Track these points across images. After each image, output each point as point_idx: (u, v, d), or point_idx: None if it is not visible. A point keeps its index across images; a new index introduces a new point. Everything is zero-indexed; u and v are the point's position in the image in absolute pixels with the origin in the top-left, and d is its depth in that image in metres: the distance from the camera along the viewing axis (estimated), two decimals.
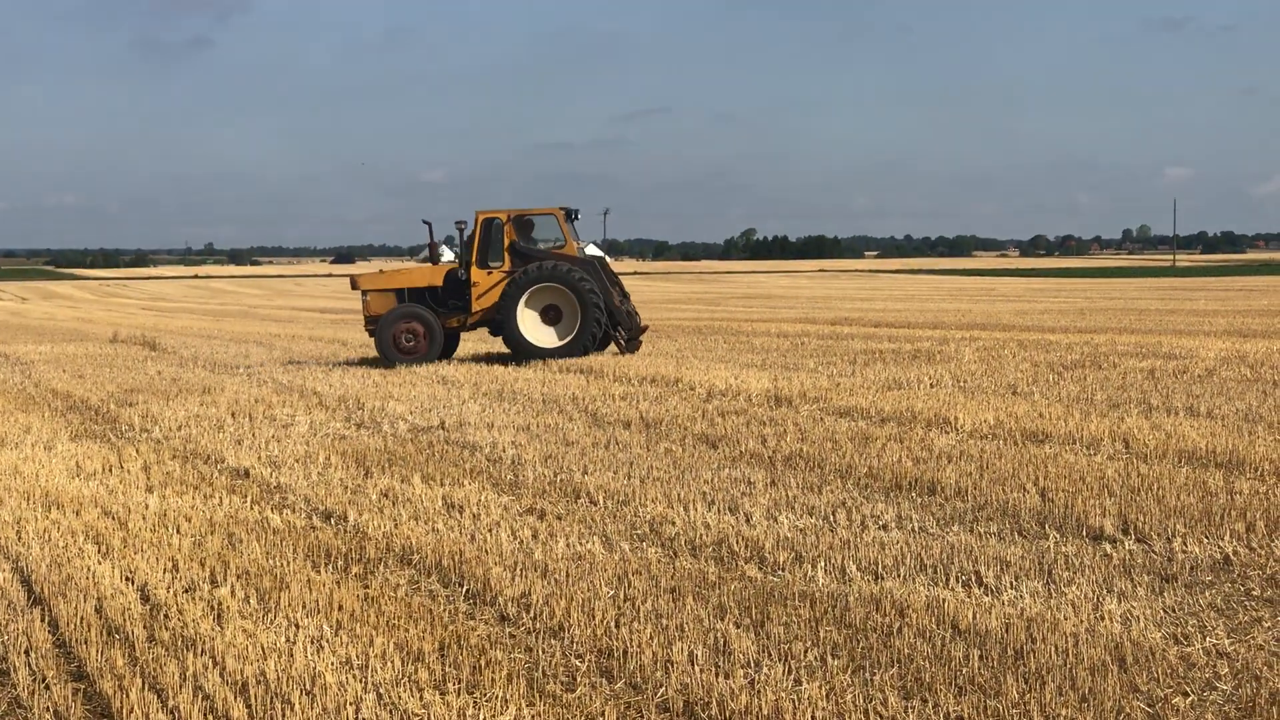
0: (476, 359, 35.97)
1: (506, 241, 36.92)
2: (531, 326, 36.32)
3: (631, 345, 37.00)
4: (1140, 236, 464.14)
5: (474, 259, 37.04)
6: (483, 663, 9.70)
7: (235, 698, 9.15)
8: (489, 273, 36.71)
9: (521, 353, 36.13)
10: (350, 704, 8.93)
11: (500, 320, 36.49)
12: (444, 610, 11.18)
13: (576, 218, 38.14)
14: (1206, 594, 11.18)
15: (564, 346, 36.01)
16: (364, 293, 38.06)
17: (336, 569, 12.60)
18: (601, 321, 35.90)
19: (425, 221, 38.31)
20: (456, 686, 9.26)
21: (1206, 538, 12.93)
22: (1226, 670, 9.31)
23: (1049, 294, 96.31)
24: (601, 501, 15.32)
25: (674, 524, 14.03)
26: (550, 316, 36.33)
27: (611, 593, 11.42)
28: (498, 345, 38.65)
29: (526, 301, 36.23)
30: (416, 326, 36.57)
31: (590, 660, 9.79)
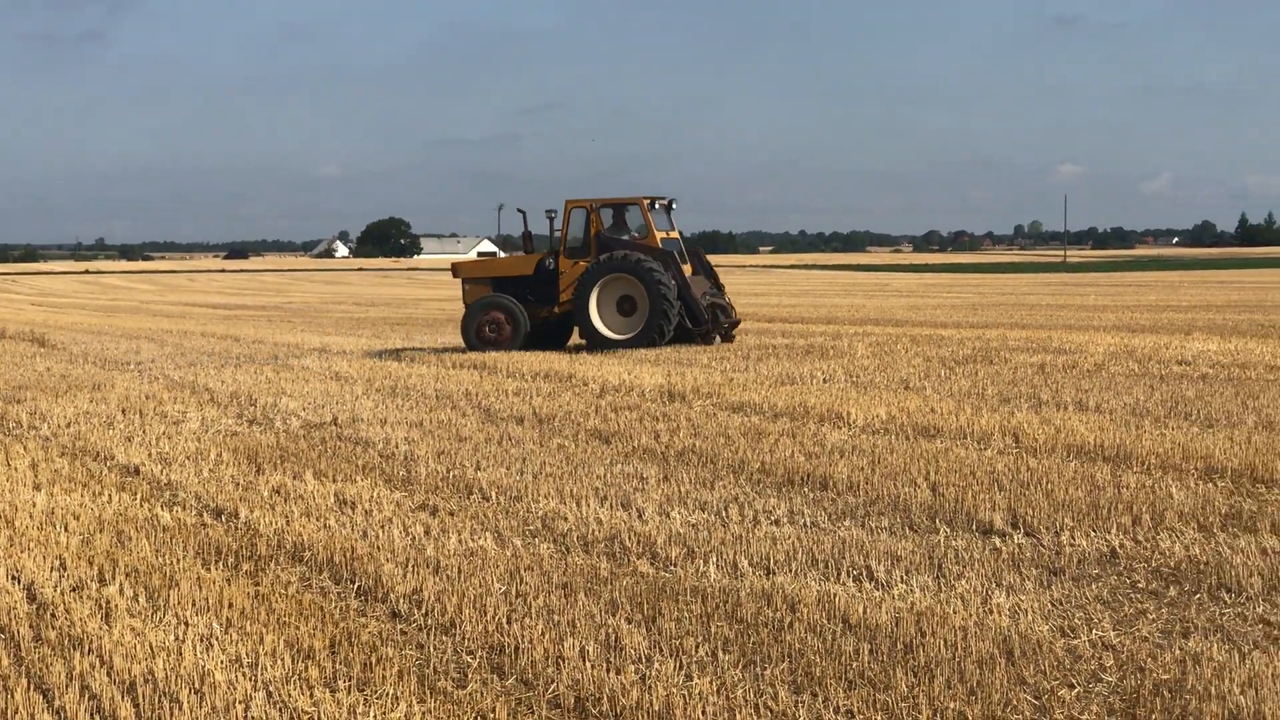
0: (369, 355, 35.78)
1: (592, 231, 36.86)
2: (607, 317, 36.31)
3: (708, 338, 36.70)
4: (1032, 232, 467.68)
5: (562, 249, 37.17)
6: (373, 660, 9.66)
7: (122, 697, 9.07)
8: (575, 263, 36.80)
9: (594, 343, 36.16)
10: (239, 702, 8.87)
11: (576, 310, 36.61)
12: (335, 607, 11.13)
13: (672, 207, 38.10)
14: (1093, 587, 11.28)
15: (633, 337, 35.90)
16: (463, 281, 38.67)
17: (227, 566, 12.52)
18: (671, 313, 35.59)
19: (519, 210, 38.55)
20: (347, 684, 9.22)
21: (1093, 531, 13.06)
22: (1112, 662, 9.40)
23: (941, 289, 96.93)
24: (494, 497, 15.29)
25: (566, 520, 14.02)
26: (625, 308, 36.21)
27: (503, 589, 11.41)
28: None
29: (601, 292, 36.13)
30: (499, 316, 36.74)
31: (481, 657, 9.78)
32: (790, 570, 11.89)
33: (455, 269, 39.63)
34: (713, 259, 40.01)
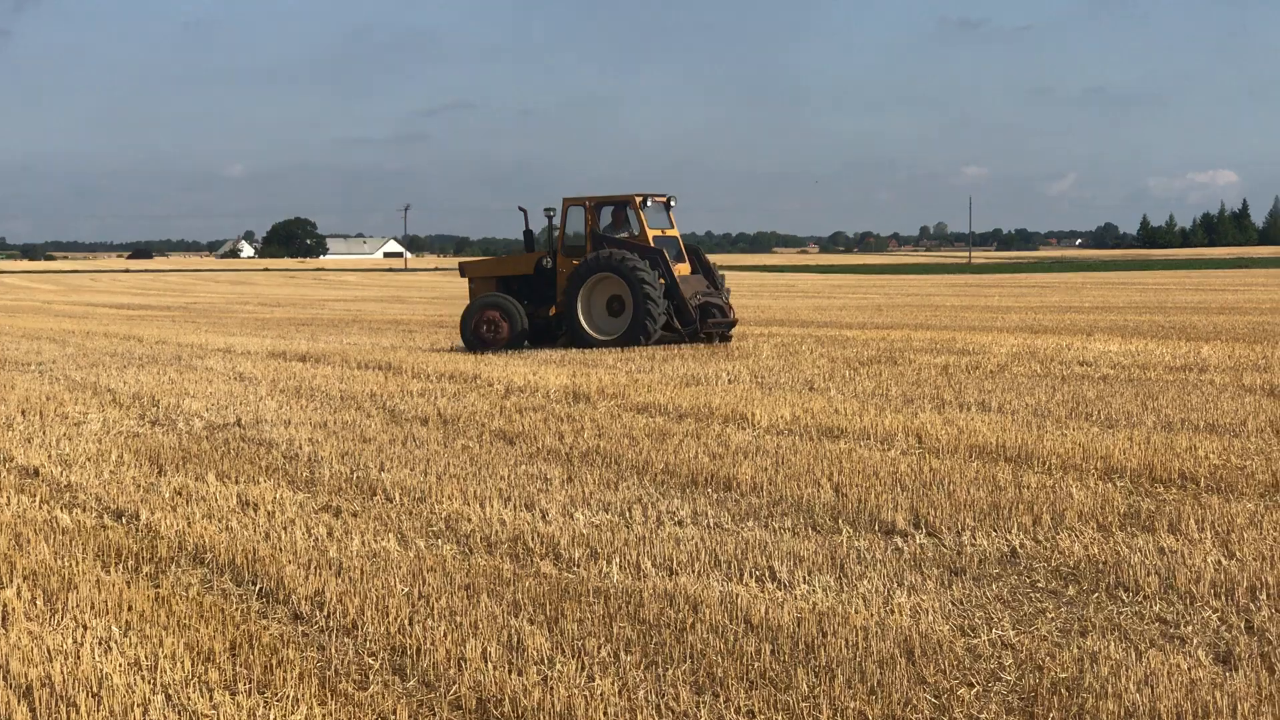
0: (274, 355, 35.58)
1: (587, 229, 36.60)
2: (597, 316, 36.16)
3: (696, 338, 36.24)
4: (937, 234, 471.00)
5: (559, 248, 37.02)
6: (274, 662, 9.61)
7: (19, 701, 8.98)
8: (572, 262, 36.69)
9: (579, 342, 36.02)
10: (138, 706, 8.81)
11: (564, 309, 36.44)
12: (236, 610, 11.06)
13: (671, 205, 37.66)
14: (993, 586, 11.36)
15: (617, 338, 35.68)
16: (469, 280, 38.76)
17: (127, 569, 12.42)
18: (656, 313, 35.25)
19: (520, 208, 38.28)
20: (247, 686, 9.17)
21: (994, 531, 13.15)
22: (1011, 661, 9.47)
23: (847, 290, 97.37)
24: (398, 498, 15.25)
25: (470, 521, 14.00)
26: (614, 307, 36.05)
27: (406, 590, 11.37)
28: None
29: (590, 291, 35.99)
30: (494, 315, 36.69)
31: (383, 658, 9.74)
32: (693, 571, 11.90)
33: (462, 268, 39.68)
34: None
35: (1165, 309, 56.91)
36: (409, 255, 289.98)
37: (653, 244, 36.09)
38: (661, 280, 35.60)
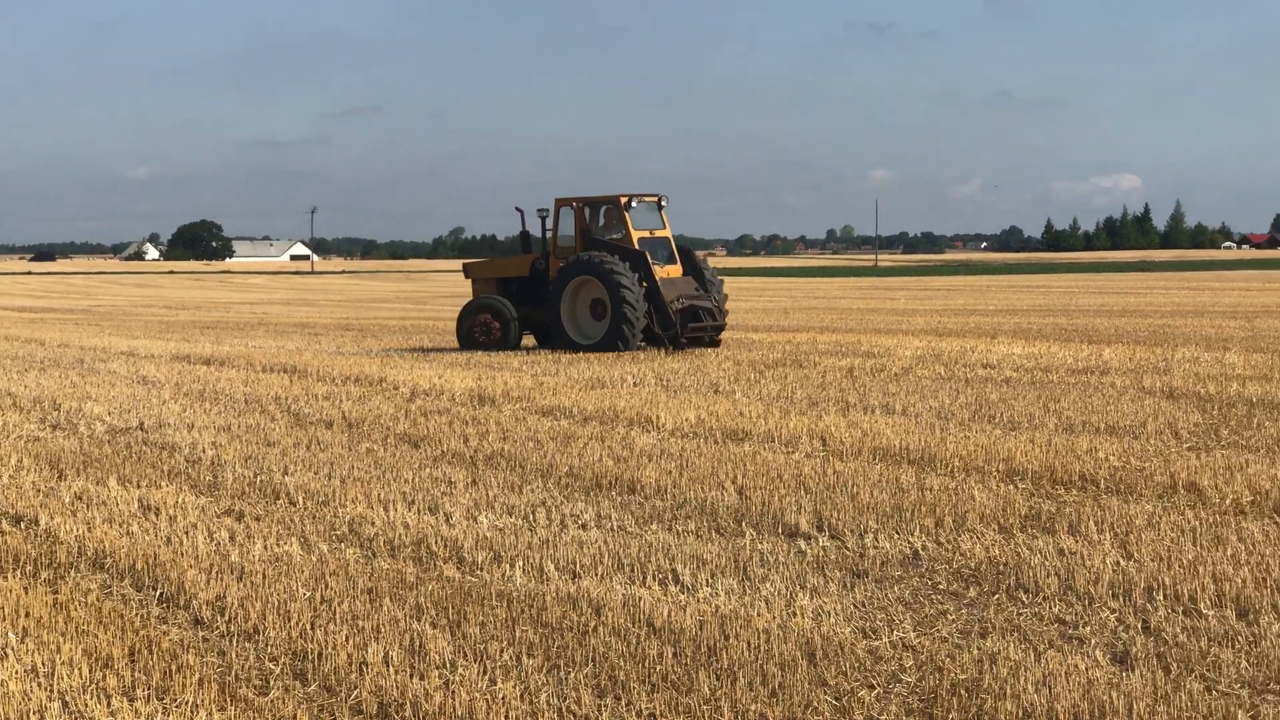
0: (178, 359, 35.32)
1: (577, 230, 35.83)
2: (581, 320, 35.37)
3: (676, 343, 35.00)
4: (844, 236, 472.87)
5: (553, 249, 36.27)
6: (174, 668, 9.54)
7: None
8: (560, 263, 35.92)
9: (562, 346, 35.23)
10: (34, 713, 8.72)
11: (548, 313, 35.67)
12: (136, 615, 10.97)
13: (662, 205, 36.57)
14: (895, 588, 11.41)
15: (595, 343, 34.75)
16: (472, 281, 38.00)
17: (25, 575, 12.30)
18: (634, 317, 34.19)
19: (517, 208, 37.39)
20: (146, 693, 9.09)
21: (897, 533, 13.22)
22: (911, 662, 9.52)
23: (753, 293, 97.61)
24: (301, 502, 15.19)
25: (373, 524, 13.95)
26: (598, 311, 35.09)
27: (308, 594, 11.32)
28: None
29: (574, 294, 35.20)
30: (486, 317, 36.30)
31: (284, 663, 9.69)
32: (596, 574, 11.91)
33: (466, 269, 39.10)
34: None
35: (1068, 312, 57.39)
36: (316, 258, 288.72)
37: (637, 245, 35.21)
38: (644, 284, 34.66)
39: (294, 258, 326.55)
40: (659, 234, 36.24)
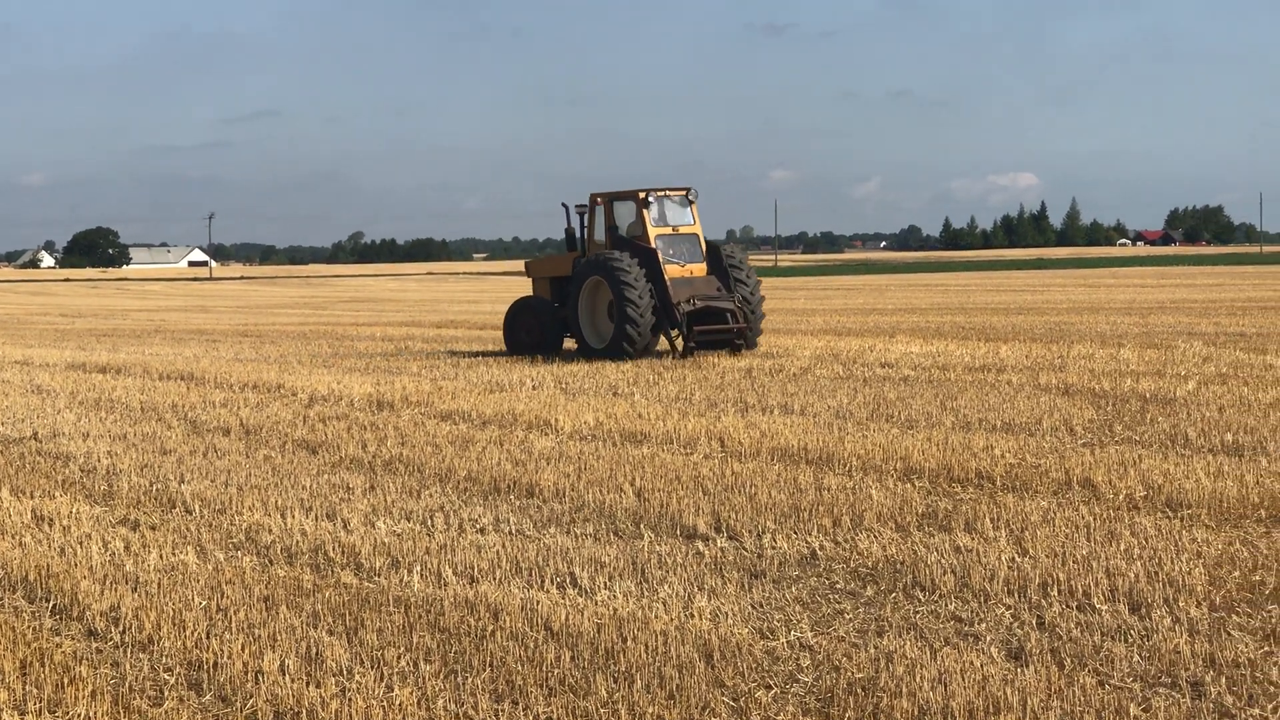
0: (73, 367, 34.99)
1: (606, 227, 34.14)
2: (599, 323, 33.67)
3: (680, 347, 32.96)
4: (744, 237, 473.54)
5: (589, 246, 34.56)
6: (66, 680, 9.44)
7: None
8: None
9: (581, 351, 33.71)
10: None
11: (569, 315, 34.01)
12: (28, 627, 10.85)
13: (690, 199, 34.12)
14: (793, 588, 11.45)
15: (604, 348, 32.95)
16: (531, 281, 36.40)
17: None
18: (638, 318, 31.93)
19: (564, 205, 35.22)
20: (38, 706, 9.00)
21: (795, 533, 13.26)
22: (809, 662, 9.55)
23: None
24: (197, 510, 15.08)
25: (270, 532, 13.87)
26: (614, 313, 32.97)
27: (204, 603, 11.24)
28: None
29: (590, 295, 33.55)
30: (527, 318, 35.07)
31: (179, 673, 9.61)
32: (494, 578, 11.89)
33: (526, 267, 37.46)
34: (424, 266, 38.83)
35: (966, 310, 57.77)
36: (214, 264, 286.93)
37: (654, 242, 33.06)
38: (643, 283, 32.30)
39: (192, 264, 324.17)
40: (685, 230, 34.00)
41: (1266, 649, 9.53)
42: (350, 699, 8.92)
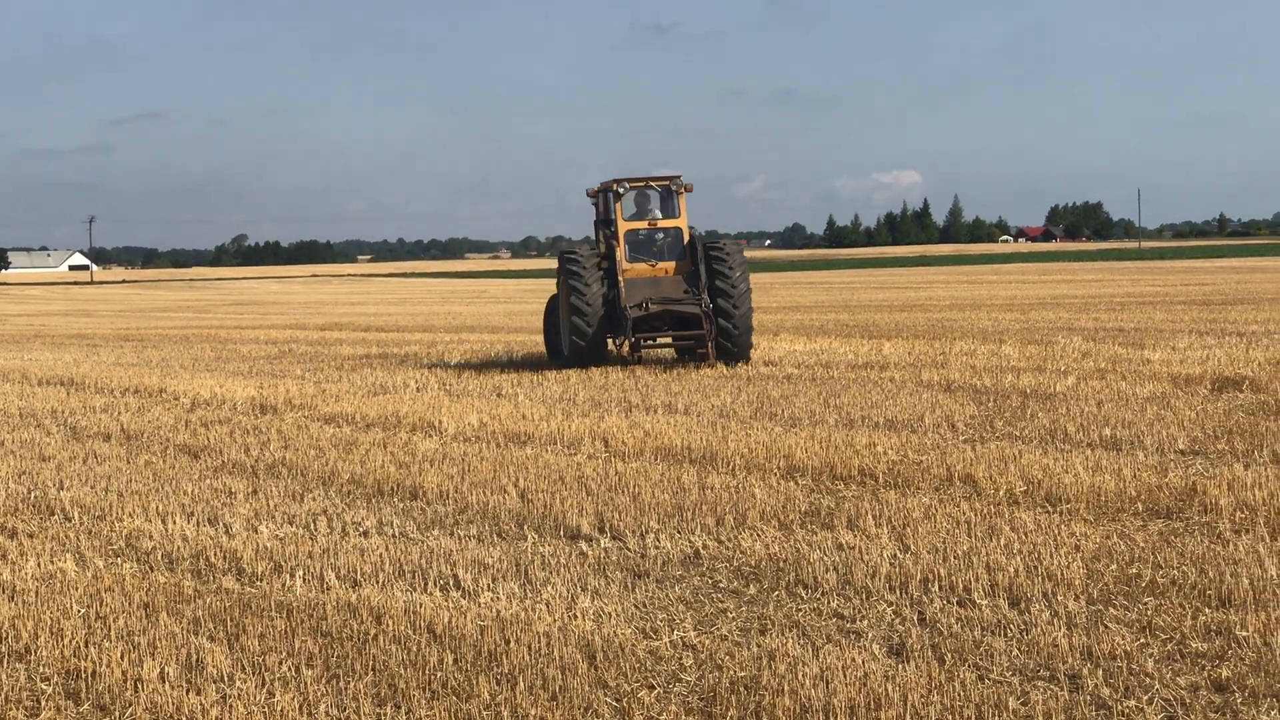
0: None
1: (594, 220, 31.57)
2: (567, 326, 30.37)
3: (636, 354, 30.13)
4: None
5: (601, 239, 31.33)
6: None
7: None
8: None
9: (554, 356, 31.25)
10: None
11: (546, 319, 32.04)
12: None
13: (675, 190, 30.62)
14: (676, 588, 11.46)
15: (566, 356, 30.38)
16: None
17: None
18: (582, 323, 29.21)
19: (588, 193, 32.17)
20: None
21: (678, 533, 13.28)
22: (691, 661, 9.57)
23: (540, 295, 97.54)
24: (77, 517, 14.93)
25: (151, 538, 13.76)
26: None
27: (82, 612, 11.13)
28: None
29: (565, 296, 30.30)
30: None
31: (56, 683, 9.51)
32: (377, 582, 11.84)
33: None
34: (309, 268, 38.40)
35: (850, 308, 58.10)
36: (96, 268, 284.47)
37: (621, 237, 30.31)
38: (592, 286, 29.54)
39: (73, 268, 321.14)
40: (664, 224, 30.80)
41: (1142, 641, 9.64)
42: (231, 705, 8.86)
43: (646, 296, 29.43)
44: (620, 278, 29.82)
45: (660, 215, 30.73)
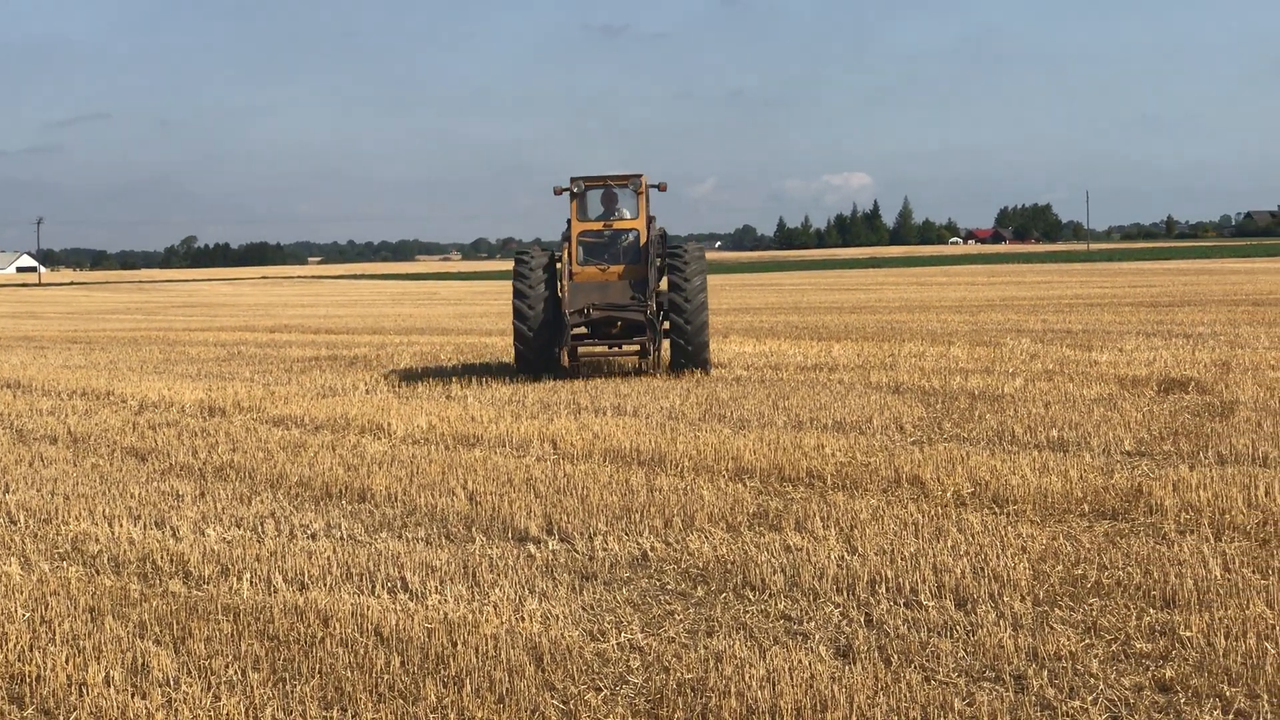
0: None
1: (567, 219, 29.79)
2: None
3: (564, 363, 28.28)
4: None
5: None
6: None
7: None
8: None
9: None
10: None
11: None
12: None
13: (637, 189, 29.37)
14: (624, 590, 11.47)
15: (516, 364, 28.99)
16: None
17: None
18: (524, 330, 27.97)
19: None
20: None
21: (626, 535, 13.28)
22: (639, 663, 9.57)
23: (490, 297, 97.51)
24: (22, 521, 14.86)
25: (98, 541, 13.70)
26: None
27: (27, 615, 11.09)
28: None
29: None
30: None
31: (1, 687, 9.47)
32: (324, 585, 11.81)
33: None
34: (259, 270, 38.04)
35: (800, 309, 58.20)
36: (44, 270, 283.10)
37: (574, 238, 29.24)
38: (535, 289, 28.22)
39: (20, 270, 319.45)
40: (622, 225, 29.59)
41: (1087, 641, 9.69)
42: (177, 709, 8.84)
43: (590, 302, 28.21)
44: (567, 281, 28.77)
45: (622, 215, 29.62)
